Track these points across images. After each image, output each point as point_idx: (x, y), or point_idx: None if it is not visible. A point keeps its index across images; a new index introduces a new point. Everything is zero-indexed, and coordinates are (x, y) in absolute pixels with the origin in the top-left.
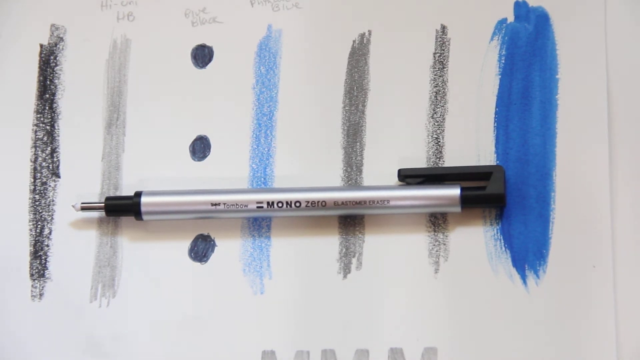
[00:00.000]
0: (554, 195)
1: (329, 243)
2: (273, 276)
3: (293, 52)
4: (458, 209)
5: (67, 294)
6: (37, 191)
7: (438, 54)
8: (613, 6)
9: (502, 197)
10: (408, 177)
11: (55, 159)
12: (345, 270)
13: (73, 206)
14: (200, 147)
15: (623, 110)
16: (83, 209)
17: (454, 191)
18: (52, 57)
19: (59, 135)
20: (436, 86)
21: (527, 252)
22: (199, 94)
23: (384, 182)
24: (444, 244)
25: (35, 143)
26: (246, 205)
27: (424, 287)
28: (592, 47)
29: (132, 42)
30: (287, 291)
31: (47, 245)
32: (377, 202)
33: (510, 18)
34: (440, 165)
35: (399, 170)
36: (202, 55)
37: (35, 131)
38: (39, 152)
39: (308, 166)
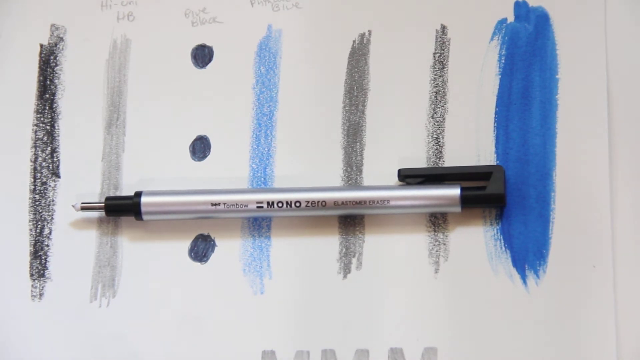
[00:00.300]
0: (554, 195)
1: (329, 243)
2: (273, 276)
3: (293, 52)
4: (458, 209)
5: (67, 294)
6: (37, 191)
7: (438, 54)
8: (613, 6)
9: (502, 197)
10: (408, 177)
11: (55, 159)
12: (345, 270)
13: (73, 206)
14: (200, 147)
15: (623, 110)
16: (83, 209)
17: (454, 191)
18: (52, 57)
19: (59, 135)
20: (436, 86)
21: (527, 252)
22: (199, 94)
23: (384, 182)
24: (444, 244)
25: (35, 143)
26: (246, 205)
27: (424, 287)
28: (592, 47)
29: (132, 42)
30: (287, 291)
31: (47, 245)
32: (377, 202)
33: (510, 18)
34: (440, 165)
35: (399, 170)
36: (202, 55)
37: (35, 131)
38: (39, 152)
39: (308, 166)
